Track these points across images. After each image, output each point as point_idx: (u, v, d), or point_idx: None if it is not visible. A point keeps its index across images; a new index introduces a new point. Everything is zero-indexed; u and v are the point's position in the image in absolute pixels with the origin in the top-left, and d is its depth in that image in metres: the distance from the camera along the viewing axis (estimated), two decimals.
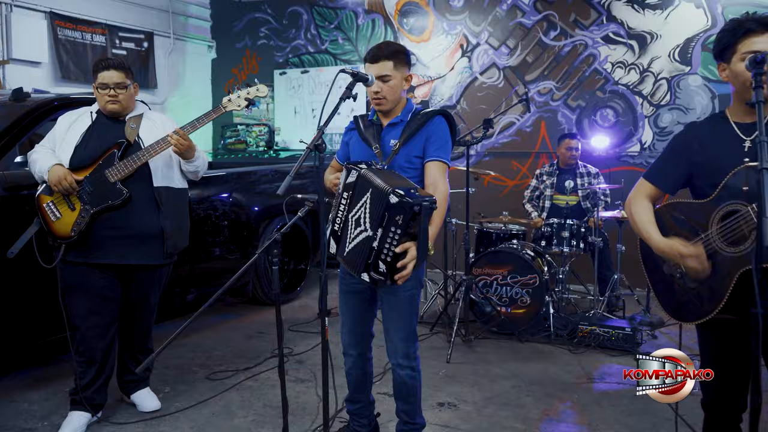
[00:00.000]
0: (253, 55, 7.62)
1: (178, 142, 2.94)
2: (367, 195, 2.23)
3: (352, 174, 2.32)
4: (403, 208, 2.07)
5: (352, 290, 2.62)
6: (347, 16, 7.02)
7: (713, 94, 5.52)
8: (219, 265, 4.81)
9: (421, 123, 2.49)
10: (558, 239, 4.76)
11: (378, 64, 2.49)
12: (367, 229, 2.20)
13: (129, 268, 3.06)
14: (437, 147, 2.48)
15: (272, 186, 5.41)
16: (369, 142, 2.54)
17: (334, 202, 2.44)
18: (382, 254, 2.14)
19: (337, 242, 2.38)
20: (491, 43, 6.34)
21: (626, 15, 5.75)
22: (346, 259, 2.31)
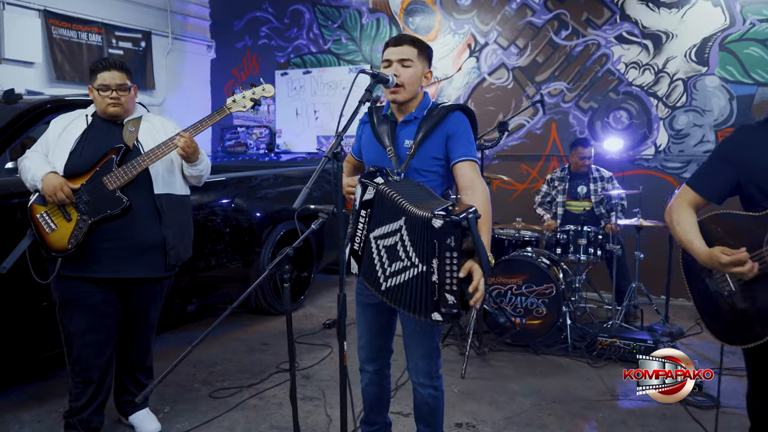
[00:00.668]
0: (253, 56, 7.43)
1: (186, 144, 2.76)
2: (399, 223, 2.02)
3: (369, 191, 2.13)
4: (453, 229, 1.87)
5: (370, 302, 2.42)
6: (351, 15, 6.83)
7: (731, 95, 5.34)
8: (221, 274, 4.61)
9: (437, 120, 2.26)
10: (575, 247, 4.57)
11: (401, 47, 2.29)
12: (416, 263, 1.98)
13: (128, 281, 2.86)
14: (463, 144, 2.25)
15: (275, 191, 5.22)
16: (382, 141, 2.33)
17: (351, 218, 2.24)
18: (446, 286, 1.92)
19: (358, 261, 2.20)
20: (500, 43, 6.16)
21: (641, 14, 5.57)
22: (391, 298, 2.09)
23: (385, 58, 2.33)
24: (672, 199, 2.13)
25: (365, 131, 2.45)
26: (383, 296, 2.12)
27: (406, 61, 2.28)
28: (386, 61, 2.31)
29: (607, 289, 5.38)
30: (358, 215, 2.18)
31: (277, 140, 7.42)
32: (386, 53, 2.33)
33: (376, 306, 2.41)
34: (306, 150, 7.23)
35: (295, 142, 7.31)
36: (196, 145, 2.84)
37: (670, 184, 5.55)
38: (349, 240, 2.23)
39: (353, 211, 2.23)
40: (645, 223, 4.56)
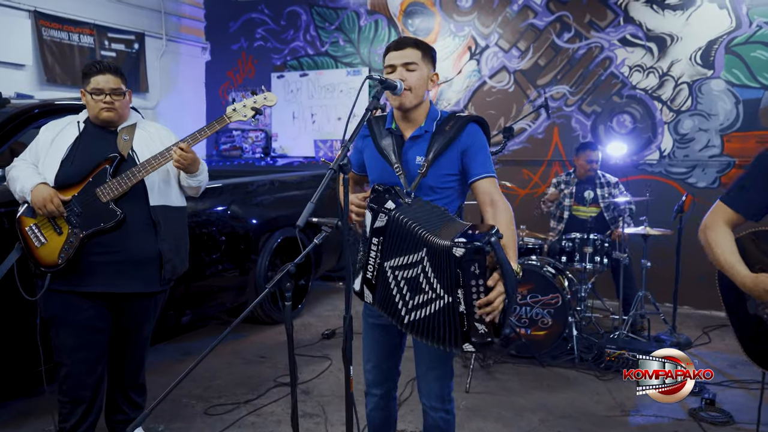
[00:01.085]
0: (249, 58, 7.29)
1: (182, 156, 2.63)
2: (420, 254, 1.91)
3: (380, 218, 2.00)
4: (475, 256, 1.78)
5: (379, 323, 2.30)
6: (349, 17, 6.70)
7: (737, 99, 5.24)
8: (216, 284, 4.48)
9: (452, 135, 2.13)
10: (580, 255, 4.46)
11: (404, 50, 2.16)
12: (441, 295, 1.89)
13: (122, 296, 2.73)
14: (481, 160, 2.13)
15: (272, 197, 5.09)
16: (387, 158, 2.18)
17: (361, 245, 2.11)
18: (475, 315, 1.84)
19: (372, 291, 2.08)
20: (501, 46, 6.05)
21: (645, 16, 5.47)
22: (417, 332, 1.98)
23: (387, 63, 2.19)
24: (706, 217, 2.01)
25: (367, 145, 2.30)
26: (405, 329, 2.02)
27: (411, 64, 2.15)
28: (389, 66, 2.18)
29: (612, 298, 5.28)
30: (369, 243, 2.04)
31: (273, 144, 7.28)
32: (388, 58, 2.19)
33: (385, 327, 2.29)
34: (303, 154, 7.10)
35: (292, 146, 7.17)
36: (195, 155, 2.71)
37: (675, 190, 5.46)
38: (361, 267, 2.10)
39: (363, 238, 2.10)
40: (652, 231, 4.46)
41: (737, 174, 5.30)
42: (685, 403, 3.53)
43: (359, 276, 2.11)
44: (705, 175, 5.42)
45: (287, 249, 5.19)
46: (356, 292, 2.12)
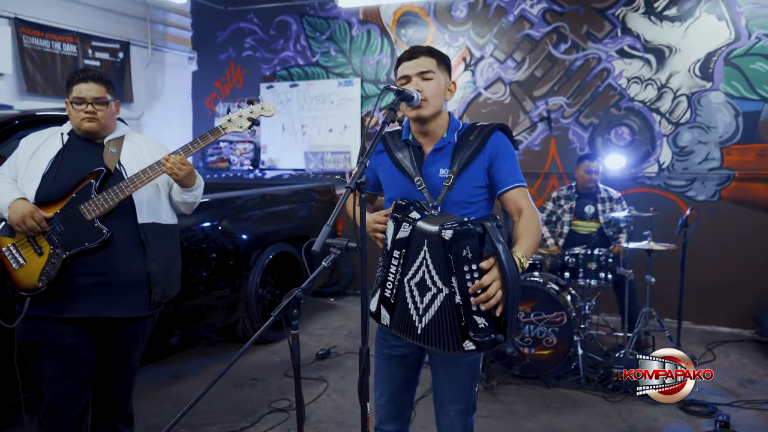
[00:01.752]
0: (237, 68, 7.11)
1: (174, 166, 2.45)
2: (424, 249, 1.79)
3: (404, 228, 1.84)
4: (465, 238, 1.68)
5: (396, 354, 2.13)
6: (340, 27, 6.57)
7: (737, 111, 5.17)
8: (206, 303, 4.28)
9: (478, 145, 1.99)
10: (585, 271, 4.33)
11: (417, 59, 2.02)
12: (441, 288, 1.76)
13: (108, 321, 2.53)
14: (509, 169, 2.00)
15: (263, 211, 4.91)
16: (408, 173, 2.03)
17: (381, 260, 1.94)
18: (472, 306, 1.71)
19: (391, 311, 1.90)
20: (497, 56, 5.94)
21: (643, 27, 5.40)
22: (427, 340, 1.82)
23: (401, 74, 2.04)
24: None
25: (382, 162, 2.14)
26: (420, 341, 1.84)
27: (426, 73, 2.01)
28: (403, 77, 2.03)
29: (610, 313, 5.16)
30: (390, 257, 1.88)
31: (261, 156, 7.09)
32: (401, 69, 2.05)
33: (402, 359, 2.13)
34: (292, 167, 6.92)
35: (281, 158, 6.99)
36: (191, 166, 2.53)
37: (674, 203, 5.36)
38: (378, 285, 1.93)
39: (383, 252, 1.94)
40: (656, 246, 4.34)
41: (737, 187, 5.23)
42: (700, 427, 3.40)
43: (376, 295, 1.94)
44: (705, 188, 5.33)
45: (279, 265, 5.01)
46: (372, 313, 1.95)
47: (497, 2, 5.87)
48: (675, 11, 5.29)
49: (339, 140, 6.67)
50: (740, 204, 5.23)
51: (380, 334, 2.15)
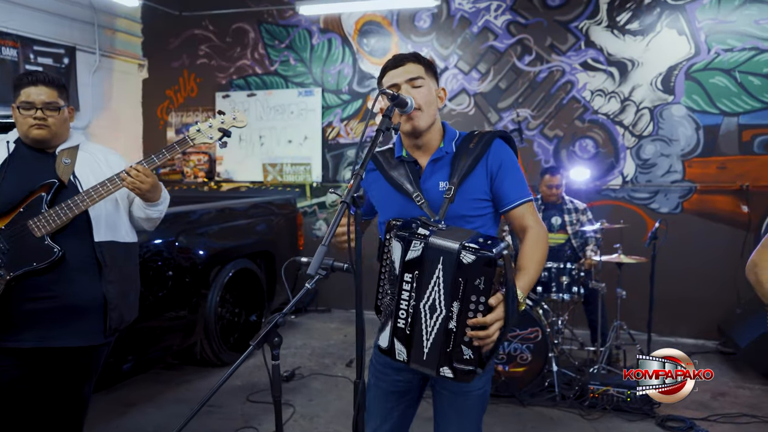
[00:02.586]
0: (191, 76, 6.82)
1: (137, 179, 2.22)
2: (438, 267, 1.62)
3: (414, 247, 1.65)
4: (484, 267, 1.56)
5: (396, 390, 1.95)
6: (300, 35, 6.38)
7: (698, 125, 5.24)
8: (162, 324, 3.99)
9: (478, 153, 1.85)
10: (557, 285, 4.26)
11: (404, 66, 1.87)
12: (442, 309, 1.62)
13: (57, 351, 2.27)
14: (514, 183, 1.87)
15: (222, 226, 4.65)
16: (405, 190, 1.87)
17: (384, 286, 1.75)
18: (464, 335, 1.59)
19: (408, 345, 1.70)
20: (461, 68, 5.87)
21: (605, 41, 5.43)
22: (425, 362, 1.68)
23: (388, 84, 1.88)
24: (755, 255, 1.79)
25: (375, 181, 1.97)
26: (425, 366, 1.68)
27: (416, 79, 1.86)
28: (392, 86, 1.86)
29: (578, 327, 5.11)
30: (400, 282, 1.68)
31: (217, 168, 6.81)
32: (388, 78, 1.89)
33: (403, 395, 1.96)
34: (250, 179, 6.67)
35: (238, 170, 6.73)
36: (155, 179, 2.31)
37: (638, 216, 5.38)
38: (388, 317, 1.73)
39: (387, 278, 1.75)
40: (626, 259, 4.31)
41: (699, 199, 5.29)
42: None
43: (386, 328, 1.74)
44: (667, 200, 5.37)
45: (239, 283, 4.75)
46: (383, 349, 1.74)
47: (461, 13, 5.82)
48: (637, 25, 5.34)
49: (299, 151, 6.46)
50: (702, 216, 5.29)
51: (378, 367, 1.97)
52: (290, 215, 5.57)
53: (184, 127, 6.87)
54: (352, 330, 5.67)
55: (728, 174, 5.20)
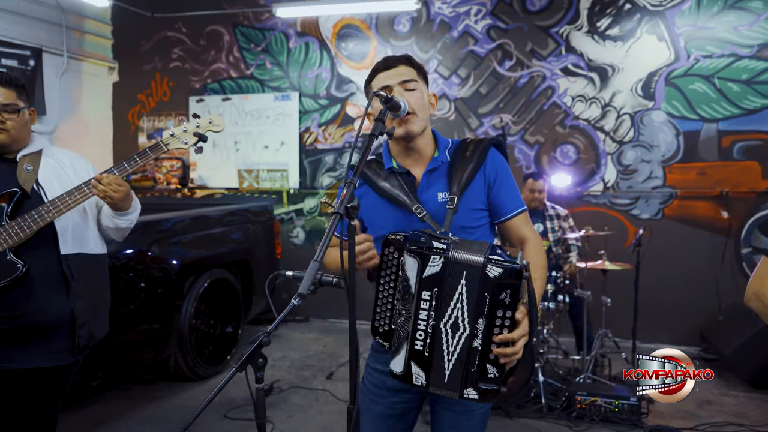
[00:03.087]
0: (163, 80, 6.63)
1: (109, 188, 2.08)
2: (461, 283, 1.53)
3: (433, 261, 1.54)
4: (511, 279, 1.50)
5: (393, 413, 1.83)
6: (277, 39, 6.24)
7: (678, 131, 5.24)
8: (134, 338, 3.81)
9: (477, 162, 1.77)
10: (542, 294, 4.18)
11: (396, 68, 1.78)
12: (465, 327, 1.54)
13: (22, 372, 2.11)
14: (509, 193, 1.81)
15: (197, 234, 4.48)
16: (402, 202, 1.75)
17: (401, 308, 1.61)
18: (490, 353, 1.54)
19: (427, 368, 1.59)
20: (441, 72, 5.80)
21: (586, 46, 5.40)
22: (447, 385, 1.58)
23: (379, 86, 1.77)
24: (753, 285, 1.71)
25: (363, 195, 1.83)
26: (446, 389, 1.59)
27: (409, 82, 1.77)
28: (383, 89, 1.75)
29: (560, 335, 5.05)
30: (417, 300, 1.57)
31: (190, 174, 6.62)
32: (379, 80, 1.78)
33: (400, 417, 1.85)
34: (225, 185, 6.49)
35: (213, 176, 6.54)
36: (127, 187, 2.16)
37: (619, 222, 5.35)
38: (403, 340, 1.60)
39: (399, 296, 1.61)
40: (612, 266, 4.27)
41: (680, 205, 5.28)
42: None
43: (401, 352, 1.61)
44: (648, 206, 5.36)
45: (215, 293, 4.58)
46: (397, 374, 1.62)
47: (441, 17, 5.74)
48: (617, 31, 5.32)
49: (275, 157, 6.31)
50: (683, 222, 5.28)
51: (371, 389, 1.85)
52: (267, 223, 5.42)
53: (156, 132, 6.68)
54: (331, 340, 5.53)
55: (708, 180, 5.21)
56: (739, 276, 5.17)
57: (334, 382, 4.42)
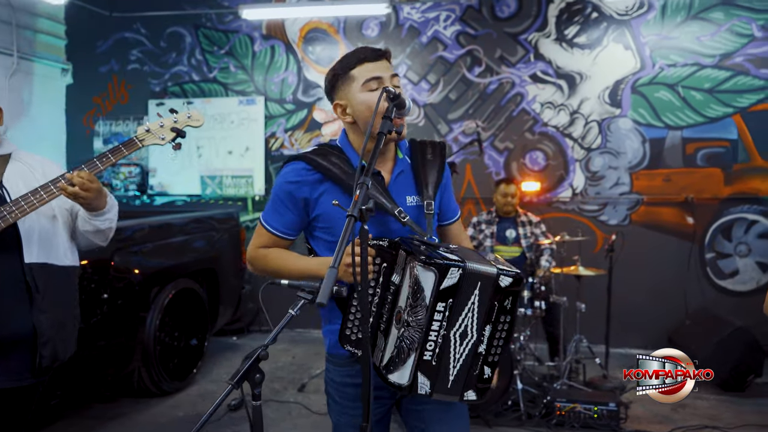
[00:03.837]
0: (121, 82, 6.37)
1: (81, 186, 1.92)
2: (474, 294, 1.51)
3: (452, 274, 1.48)
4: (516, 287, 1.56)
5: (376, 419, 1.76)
6: (241, 41, 6.08)
7: (644, 138, 5.32)
8: (96, 353, 3.59)
9: (440, 166, 1.81)
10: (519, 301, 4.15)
11: (383, 61, 1.72)
12: (474, 334, 1.54)
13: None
14: (453, 197, 1.92)
15: (161, 243, 4.28)
16: (380, 205, 1.64)
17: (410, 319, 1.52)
18: (489, 357, 1.58)
19: (434, 377, 1.53)
20: (410, 78, 5.75)
21: (554, 54, 5.44)
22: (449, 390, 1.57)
23: (370, 76, 1.68)
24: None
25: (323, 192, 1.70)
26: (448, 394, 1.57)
27: (395, 77, 1.73)
28: (375, 79, 1.68)
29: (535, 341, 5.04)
30: (431, 311, 1.49)
31: (150, 180, 6.36)
32: (368, 69, 1.69)
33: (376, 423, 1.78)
34: (187, 192, 6.26)
35: (173, 182, 6.31)
36: (99, 184, 2.01)
37: (588, 228, 5.39)
38: (411, 350, 1.52)
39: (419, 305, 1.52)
40: (585, 272, 4.27)
41: (646, 211, 5.36)
42: None
43: (407, 363, 1.52)
44: (616, 212, 5.41)
45: (181, 304, 4.38)
46: (401, 386, 1.53)
47: (410, 22, 5.70)
48: (585, 39, 5.38)
49: (240, 163, 6.13)
50: (649, 228, 5.35)
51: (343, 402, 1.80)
52: (233, 230, 5.24)
53: (113, 137, 6.40)
54: (299, 351, 5.38)
55: (673, 186, 5.30)
56: (704, 281, 5.27)
57: (307, 394, 4.28)
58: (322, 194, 1.70)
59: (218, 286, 4.83)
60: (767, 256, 5.18)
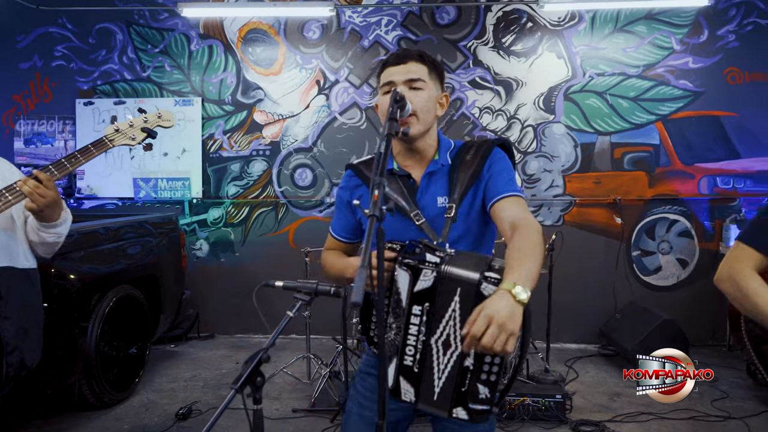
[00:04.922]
0: (44, 80, 6.03)
1: (36, 191, 1.83)
2: (455, 300, 1.47)
3: (425, 276, 1.49)
4: None
5: None
6: (177, 40, 5.90)
7: (575, 142, 5.60)
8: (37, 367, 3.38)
9: (478, 165, 1.72)
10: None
11: (406, 64, 1.74)
12: (457, 346, 1.47)
13: None
14: (502, 180, 1.70)
15: (104, 248, 4.10)
16: (401, 207, 1.70)
17: (392, 321, 1.56)
18: (482, 374, 1.43)
19: (416, 384, 1.53)
20: (352, 81, 5.77)
21: (492, 60, 5.63)
22: (436, 403, 1.52)
23: (384, 81, 1.75)
24: (727, 265, 1.78)
25: (360, 197, 1.80)
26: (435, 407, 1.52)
27: (417, 81, 1.73)
28: (388, 84, 1.73)
29: None
30: (407, 315, 1.52)
31: (78, 183, 6.05)
32: (386, 75, 1.75)
33: (394, 426, 1.78)
34: (118, 195, 6.01)
35: (103, 185, 6.03)
36: (56, 194, 1.92)
37: None
38: (394, 353, 1.54)
39: (397, 308, 1.54)
40: None
41: (578, 212, 5.64)
42: None
43: (391, 365, 1.55)
44: (551, 213, 5.66)
45: (122, 311, 4.21)
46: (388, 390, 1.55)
47: (352, 26, 5.73)
48: (520, 47, 5.60)
49: (176, 166, 5.95)
50: (581, 228, 5.64)
51: (365, 393, 1.77)
52: (172, 234, 5.08)
53: (35, 137, 6.05)
54: (243, 356, 5.26)
55: (602, 188, 5.61)
56: (631, 277, 5.61)
57: None
58: (360, 198, 1.79)
59: (159, 293, 4.67)
60: (686, 253, 5.58)
